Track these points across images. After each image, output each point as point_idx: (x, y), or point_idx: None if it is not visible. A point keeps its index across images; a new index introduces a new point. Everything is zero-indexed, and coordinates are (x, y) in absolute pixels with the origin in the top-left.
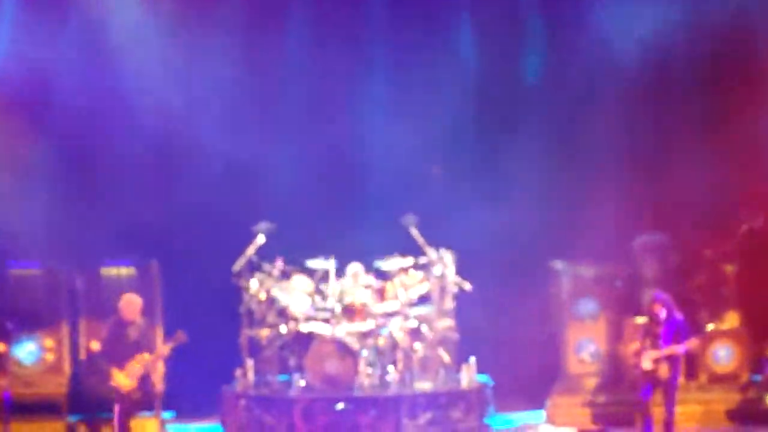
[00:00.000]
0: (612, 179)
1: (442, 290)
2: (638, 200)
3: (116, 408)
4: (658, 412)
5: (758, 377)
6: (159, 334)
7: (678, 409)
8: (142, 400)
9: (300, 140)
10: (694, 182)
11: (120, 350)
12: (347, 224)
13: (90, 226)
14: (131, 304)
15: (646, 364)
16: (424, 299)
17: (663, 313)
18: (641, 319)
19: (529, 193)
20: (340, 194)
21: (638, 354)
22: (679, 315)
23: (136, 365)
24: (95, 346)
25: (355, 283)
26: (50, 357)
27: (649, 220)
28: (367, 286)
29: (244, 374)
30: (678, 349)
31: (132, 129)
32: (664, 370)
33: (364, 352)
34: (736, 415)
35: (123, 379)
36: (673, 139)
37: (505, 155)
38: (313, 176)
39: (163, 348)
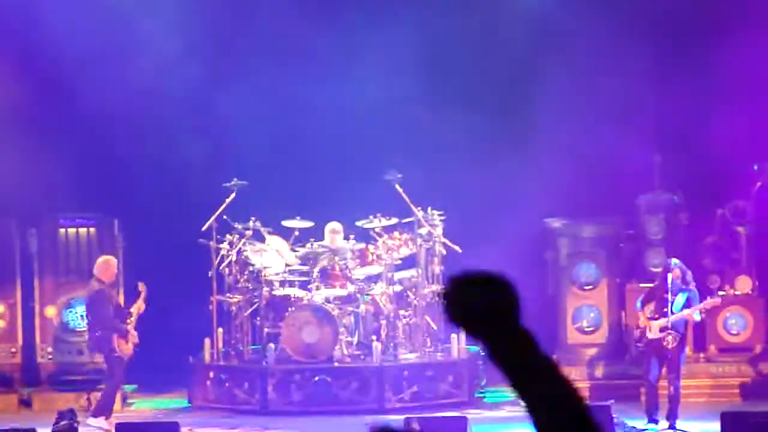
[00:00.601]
0: (613, 133)
1: (429, 253)
2: (644, 155)
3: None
4: (663, 385)
5: None
6: (121, 300)
7: (685, 383)
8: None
9: (277, 95)
10: (705, 137)
11: (115, 316)
12: (327, 182)
13: (47, 181)
14: (110, 265)
15: (652, 333)
16: (409, 263)
17: (670, 279)
18: (648, 285)
19: (524, 148)
20: (320, 150)
21: (643, 322)
22: (692, 283)
23: (131, 328)
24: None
25: (333, 244)
26: (1, 324)
27: (655, 177)
28: (349, 248)
29: (213, 344)
30: (693, 313)
31: (97, 80)
32: (670, 340)
33: (345, 320)
34: (749, 389)
35: (125, 347)
36: (681, 91)
37: (497, 107)
38: (290, 131)
39: (139, 304)
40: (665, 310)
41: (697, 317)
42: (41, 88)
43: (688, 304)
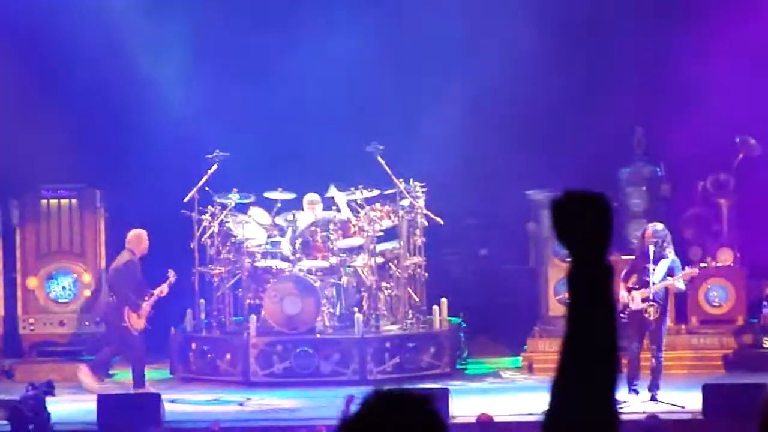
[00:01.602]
0: (597, 102)
1: (411, 225)
2: (625, 126)
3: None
4: (645, 357)
5: (755, 319)
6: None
7: (667, 355)
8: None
9: (258, 66)
10: (686, 107)
11: (135, 290)
12: (308, 154)
13: (28, 152)
14: (142, 239)
15: (633, 304)
16: (391, 234)
17: (652, 249)
18: (627, 256)
19: (504, 118)
20: (301, 122)
21: (624, 295)
22: (672, 251)
23: (147, 305)
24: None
25: (315, 215)
26: None
27: (637, 149)
28: (330, 220)
29: (195, 315)
30: (674, 282)
31: (78, 52)
32: (652, 312)
33: (326, 291)
34: (730, 361)
35: (136, 320)
36: (663, 60)
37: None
38: (272, 103)
39: (163, 287)
40: (647, 279)
41: (681, 285)
42: (22, 60)
43: (670, 273)
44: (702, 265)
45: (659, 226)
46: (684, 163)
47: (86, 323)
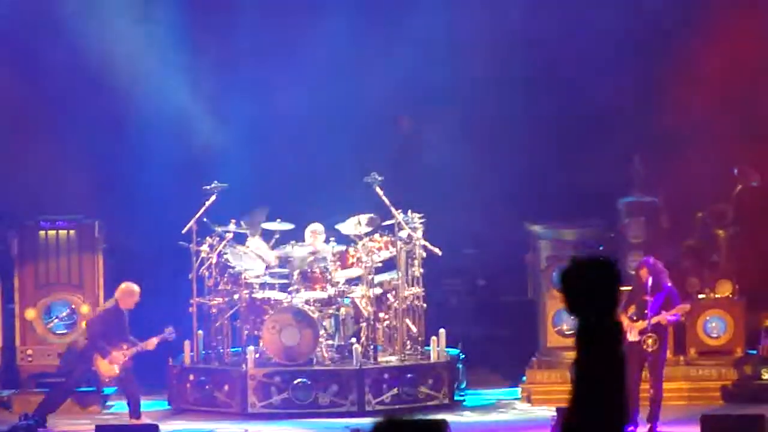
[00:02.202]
0: (596, 135)
1: (409, 256)
2: (624, 158)
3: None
4: (644, 388)
5: (754, 351)
6: (100, 301)
7: (665, 386)
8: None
9: (258, 95)
10: (685, 139)
11: (109, 337)
12: (307, 185)
13: (27, 182)
14: (132, 294)
15: (632, 336)
16: (389, 265)
17: (650, 281)
18: (625, 288)
19: (504, 151)
20: (300, 153)
21: (627, 325)
22: (669, 283)
23: (121, 354)
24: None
25: (314, 246)
26: None
27: (636, 180)
28: (328, 251)
29: (193, 346)
30: (667, 317)
31: (77, 78)
32: (650, 343)
33: (325, 323)
34: (729, 392)
35: (105, 367)
36: (663, 91)
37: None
38: (270, 133)
39: (150, 342)
40: (645, 312)
41: (672, 318)
42: (19, 90)
43: (666, 305)
44: (700, 296)
45: (651, 259)
46: (682, 194)
47: (82, 341)
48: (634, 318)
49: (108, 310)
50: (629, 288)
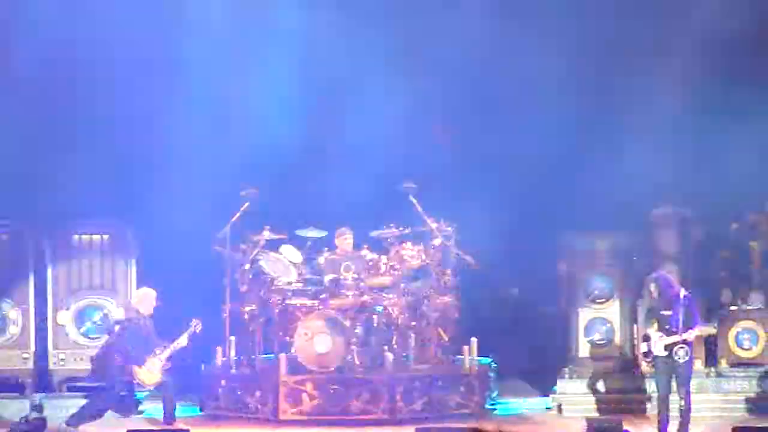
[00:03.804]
0: (630, 144)
1: (442, 264)
2: (658, 168)
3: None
4: (674, 400)
5: None
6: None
7: (696, 398)
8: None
9: (292, 102)
10: (720, 150)
11: (139, 345)
12: (341, 192)
13: (61, 186)
14: (148, 297)
15: (657, 350)
16: (422, 274)
17: (660, 295)
18: (646, 302)
19: (539, 159)
20: (335, 161)
21: (646, 339)
22: (681, 291)
23: (157, 360)
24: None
25: (346, 254)
26: (14, 330)
27: (669, 190)
28: (361, 259)
29: (226, 352)
30: (688, 335)
31: (110, 83)
32: (682, 354)
33: (357, 330)
34: (760, 404)
35: (146, 375)
36: (701, 101)
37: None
38: (306, 141)
39: (182, 339)
40: (666, 327)
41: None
42: (54, 98)
43: (686, 316)
44: (732, 307)
45: (660, 273)
46: (716, 205)
47: (117, 357)
48: (661, 334)
49: (130, 319)
50: (647, 304)
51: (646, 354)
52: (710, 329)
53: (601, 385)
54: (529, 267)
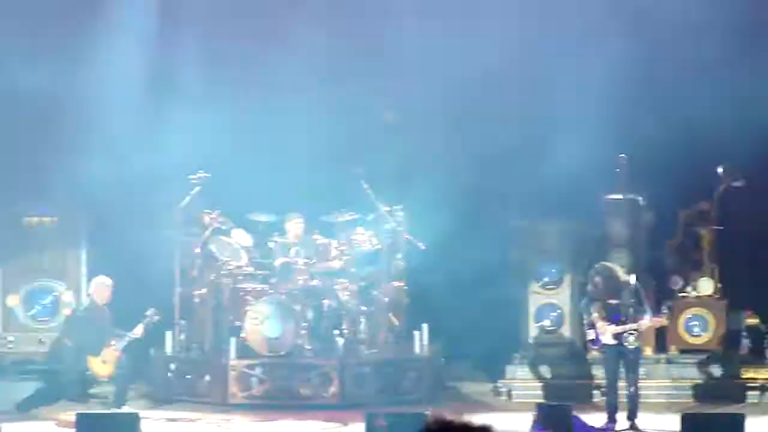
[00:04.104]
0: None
1: (393, 249)
2: (608, 155)
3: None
4: (622, 386)
5: (734, 350)
6: (83, 289)
7: (646, 384)
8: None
9: (244, 86)
10: (669, 137)
11: (95, 335)
12: (291, 176)
13: (10, 170)
14: (106, 286)
15: (605, 338)
16: (373, 258)
17: (601, 284)
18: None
19: (486, 145)
20: (283, 145)
21: (592, 327)
22: (626, 279)
23: (112, 350)
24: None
25: (296, 238)
26: None
27: (620, 177)
28: (311, 243)
29: (175, 336)
30: (639, 326)
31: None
32: (632, 341)
33: (307, 314)
34: (709, 391)
35: (101, 367)
36: (647, 91)
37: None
38: (254, 126)
39: (137, 330)
40: (615, 316)
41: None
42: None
43: (636, 306)
44: (682, 294)
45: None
46: (666, 192)
47: (64, 341)
48: (608, 322)
49: (86, 308)
50: (592, 294)
51: (593, 342)
52: (663, 321)
53: (550, 371)
54: (480, 253)
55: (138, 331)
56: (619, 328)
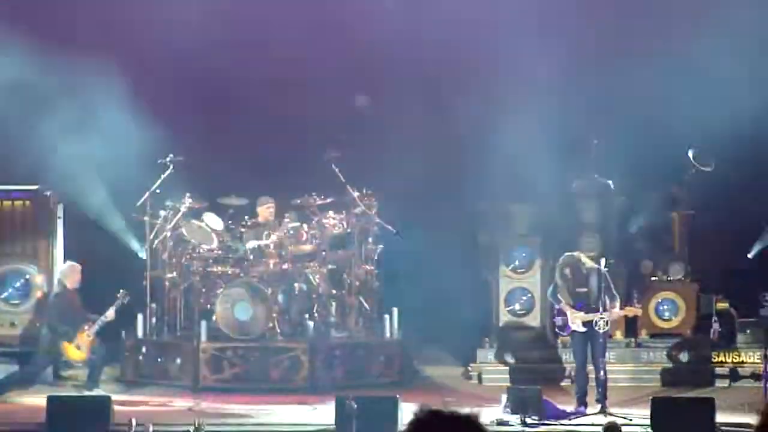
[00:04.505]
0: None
1: (364, 233)
2: (579, 139)
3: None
4: (590, 369)
5: (706, 334)
6: (55, 272)
7: (616, 368)
8: None
9: (215, 67)
10: (640, 121)
11: (67, 320)
12: (264, 160)
13: None
14: (75, 271)
15: (575, 326)
16: (344, 242)
17: (570, 273)
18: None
19: (457, 129)
20: (258, 128)
21: (561, 314)
22: (593, 267)
23: (85, 335)
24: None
25: (268, 221)
26: None
27: (591, 161)
28: (283, 226)
29: (146, 319)
30: (610, 315)
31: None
32: (602, 325)
33: (278, 298)
34: (679, 374)
35: (74, 352)
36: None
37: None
38: (228, 107)
39: (109, 313)
40: (584, 303)
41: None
42: None
43: (605, 292)
44: (653, 278)
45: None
46: (637, 176)
47: (37, 324)
48: (576, 309)
49: (57, 294)
50: (562, 283)
51: (561, 328)
52: (636, 310)
53: (522, 354)
54: (451, 236)
55: (110, 314)
56: (589, 316)
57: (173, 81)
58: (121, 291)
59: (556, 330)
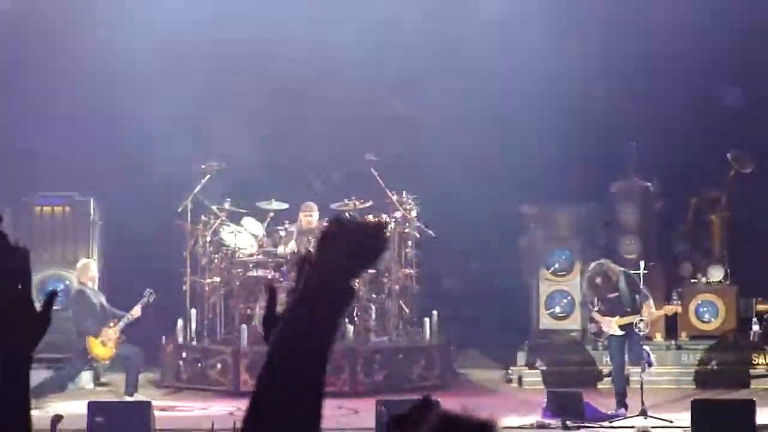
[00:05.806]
0: (590, 116)
1: (403, 237)
2: (619, 141)
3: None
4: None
5: (746, 336)
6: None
7: (656, 370)
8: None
9: (252, 72)
10: (678, 122)
11: (90, 317)
12: (303, 165)
13: (22, 159)
14: (87, 268)
15: (612, 330)
16: None
17: (601, 281)
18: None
19: (498, 132)
20: (296, 133)
21: (593, 321)
22: (620, 274)
23: (111, 332)
24: None
25: (307, 225)
26: None
27: (631, 164)
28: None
29: (186, 324)
30: (651, 316)
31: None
32: (642, 327)
33: None
34: (720, 377)
35: (101, 349)
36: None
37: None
38: (267, 114)
39: (135, 310)
40: (618, 308)
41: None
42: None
43: (638, 295)
44: (693, 280)
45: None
46: (677, 179)
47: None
48: (613, 314)
49: (78, 291)
50: (593, 292)
51: (597, 335)
52: (676, 308)
53: (562, 357)
54: (490, 239)
55: (136, 311)
56: (626, 319)
57: (218, 90)
58: (147, 289)
59: (592, 336)
